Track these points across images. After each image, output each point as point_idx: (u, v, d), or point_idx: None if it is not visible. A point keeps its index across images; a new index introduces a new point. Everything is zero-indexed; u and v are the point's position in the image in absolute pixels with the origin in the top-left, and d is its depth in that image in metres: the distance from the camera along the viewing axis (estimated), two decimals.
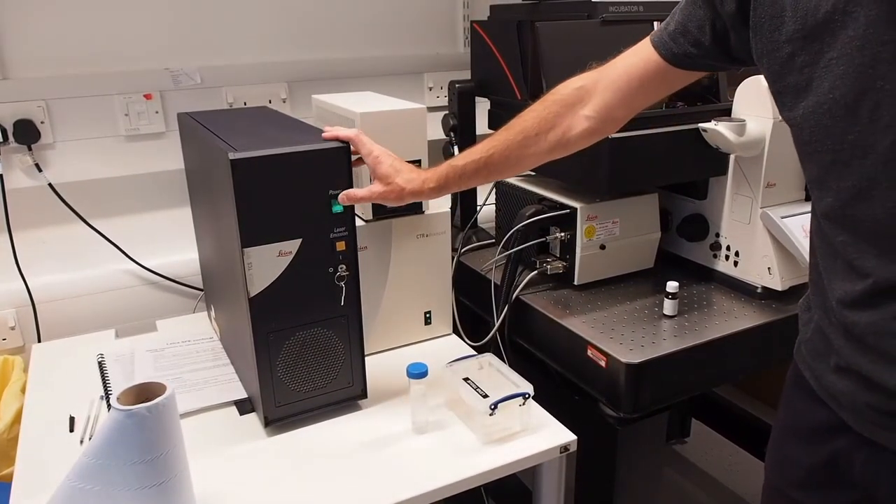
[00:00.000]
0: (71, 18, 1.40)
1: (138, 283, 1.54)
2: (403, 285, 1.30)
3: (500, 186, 1.55)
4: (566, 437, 1.05)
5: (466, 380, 1.10)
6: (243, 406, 1.14)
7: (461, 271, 1.52)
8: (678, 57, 0.87)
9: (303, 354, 1.04)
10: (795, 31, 0.68)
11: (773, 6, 0.71)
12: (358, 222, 1.11)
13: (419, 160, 1.22)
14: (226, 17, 1.55)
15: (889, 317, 0.67)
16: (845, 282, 0.71)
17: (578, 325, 1.22)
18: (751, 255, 1.31)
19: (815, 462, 0.83)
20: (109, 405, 1.13)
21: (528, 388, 1.06)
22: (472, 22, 1.51)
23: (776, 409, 0.91)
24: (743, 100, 1.27)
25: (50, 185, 1.43)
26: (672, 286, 1.24)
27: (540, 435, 1.06)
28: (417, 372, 1.04)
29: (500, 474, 1.00)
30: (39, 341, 1.44)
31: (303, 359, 1.05)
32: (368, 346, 1.15)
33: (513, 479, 1.18)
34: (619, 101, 0.94)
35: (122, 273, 1.53)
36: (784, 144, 1.23)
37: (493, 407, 1.01)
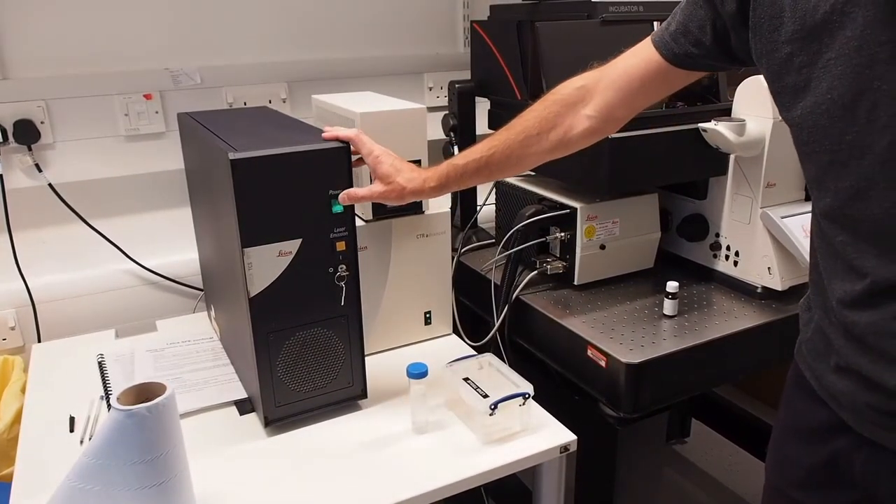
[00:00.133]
0: (71, 18, 1.40)
1: (138, 283, 1.54)
2: (403, 285, 1.30)
3: (500, 186, 1.55)
4: (566, 437, 1.05)
5: (466, 380, 1.10)
6: (243, 406, 1.14)
7: (461, 271, 1.52)
8: (679, 57, 0.87)
9: (303, 354, 1.04)
10: (794, 31, 0.69)
11: (773, 7, 0.71)
12: (358, 222, 1.11)
13: (419, 160, 1.21)
14: (226, 17, 1.55)
15: (889, 316, 0.67)
16: (845, 282, 0.71)
17: (578, 325, 1.22)
18: (751, 255, 1.31)
19: (816, 462, 0.83)
20: (109, 405, 1.13)
21: (528, 388, 1.06)
22: (472, 22, 1.51)
23: (776, 409, 0.92)
24: (743, 100, 1.27)
25: (50, 185, 1.43)
26: (672, 286, 1.24)
27: (540, 435, 1.06)
28: (417, 372, 1.04)
29: (500, 474, 1.00)
30: (39, 341, 1.44)
31: (303, 359, 1.05)
32: (368, 346, 1.15)
33: (513, 479, 1.18)
34: (619, 101, 0.94)
35: (122, 273, 1.53)
36: (784, 144, 1.23)
37: (493, 407, 1.01)
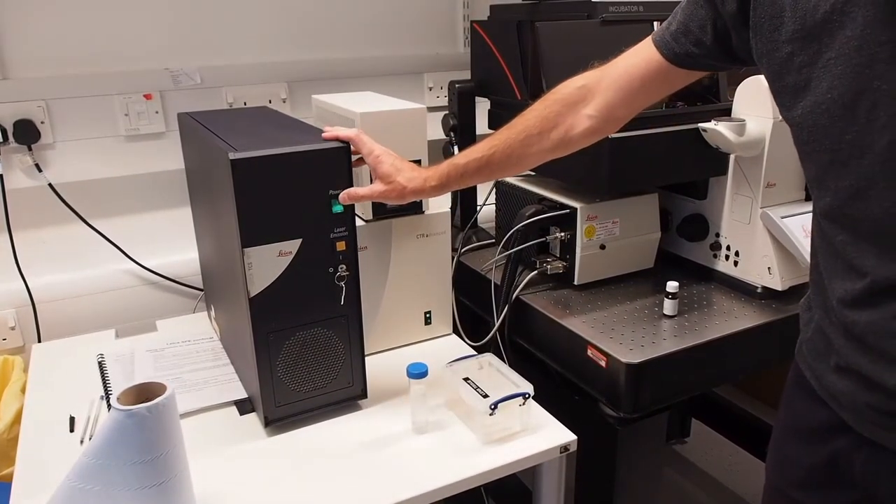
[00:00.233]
0: (71, 18, 1.40)
1: (138, 283, 1.54)
2: (403, 285, 1.30)
3: (500, 186, 1.55)
4: (566, 437, 1.05)
5: (466, 380, 1.10)
6: (243, 406, 1.14)
7: (461, 271, 1.52)
8: (680, 56, 0.87)
9: (303, 354, 1.04)
10: (794, 31, 0.69)
11: (773, 6, 0.71)
12: (358, 222, 1.11)
13: (419, 160, 1.21)
14: (226, 17, 1.55)
15: (889, 316, 0.67)
16: (845, 281, 0.71)
17: (578, 325, 1.22)
18: (751, 255, 1.31)
19: (816, 462, 0.83)
20: (109, 405, 1.13)
21: (528, 388, 1.06)
22: (472, 22, 1.51)
23: (776, 409, 0.92)
24: (743, 100, 1.27)
25: (50, 185, 1.43)
26: (672, 286, 1.24)
27: (540, 435, 1.06)
28: (417, 372, 1.04)
29: (500, 474, 1.00)
30: (39, 341, 1.44)
31: (303, 359, 1.05)
32: (368, 346, 1.15)
33: (513, 479, 1.18)
34: (620, 101, 0.94)
35: (122, 273, 1.53)
36: (784, 144, 1.23)
37: (493, 407, 1.01)
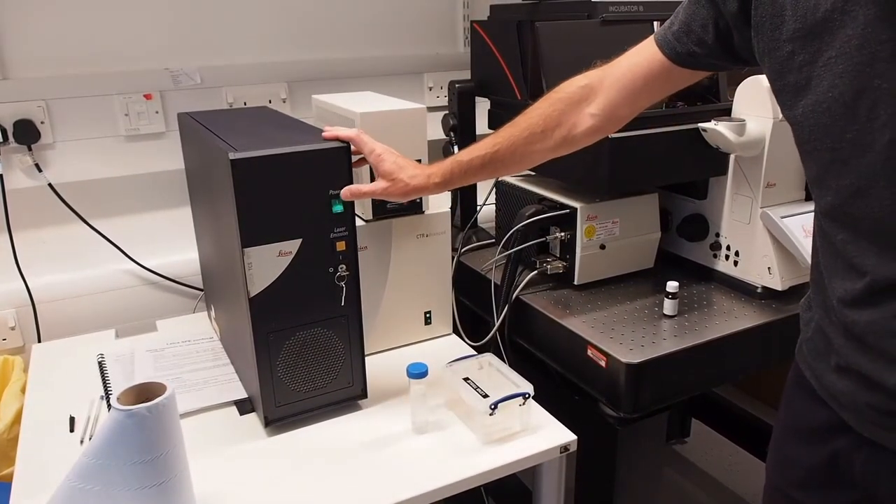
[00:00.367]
0: (71, 18, 1.40)
1: (138, 283, 1.54)
2: (403, 285, 1.30)
3: (500, 186, 1.55)
4: (566, 437, 1.05)
5: (466, 380, 1.10)
6: (243, 406, 1.14)
7: (461, 271, 1.52)
8: (682, 56, 0.87)
9: (303, 354, 1.04)
10: (795, 30, 0.69)
11: (774, 5, 0.71)
12: (358, 222, 1.11)
13: (419, 160, 1.21)
14: (226, 17, 1.55)
15: (889, 315, 0.67)
16: (845, 280, 0.71)
17: (578, 325, 1.22)
18: (751, 254, 1.31)
19: (816, 462, 0.83)
20: (109, 405, 1.13)
21: (528, 388, 1.06)
22: (472, 22, 1.51)
23: (776, 409, 0.91)
24: (743, 100, 1.27)
25: (50, 185, 1.43)
26: (672, 286, 1.24)
27: (540, 435, 1.06)
28: (417, 372, 1.04)
29: (500, 474, 1.00)
30: (39, 341, 1.44)
31: (303, 359, 1.04)
32: (368, 346, 1.15)
33: (513, 479, 1.18)
34: (623, 100, 0.94)
35: (122, 273, 1.53)
36: (784, 144, 1.23)
37: (493, 407, 1.01)
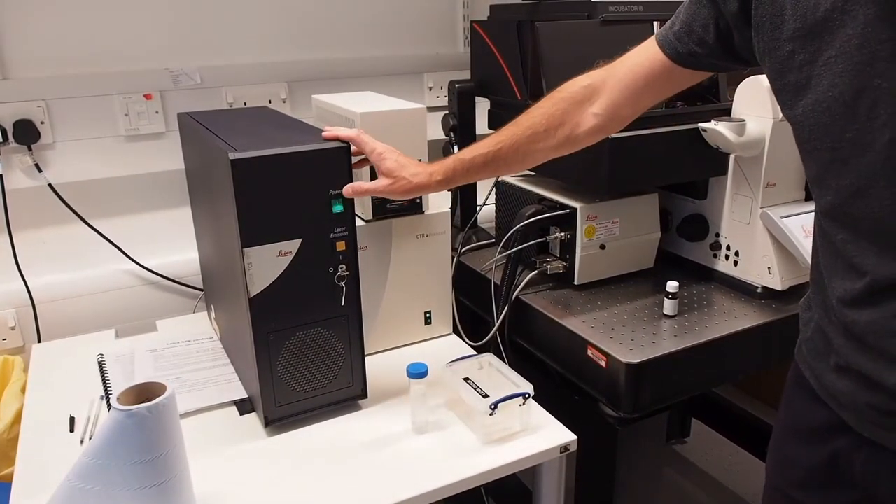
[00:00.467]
0: (71, 18, 1.40)
1: (138, 283, 1.54)
2: (403, 285, 1.30)
3: (500, 186, 1.55)
4: (566, 437, 1.05)
5: (466, 380, 1.10)
6: (243, 406, 1.14)
7: (461, 271, 1.52)
8: (683, 56, 0.87)
9: (303, 354, 1.04)
10: (796, 29, 0.69)
11: (774, 5, 0.71)
12: (358, 222, 1.11)
13: (419, 160, 1.21)
14: (226, 17, 1.55)
15: (888, 315, 0.67)
16: (845, 280, 0.71)
17: (578, 325, 1.22)
18: (751, 254, 1.31)
19: (816, 462, 0.83)
20: (109, 405, 1.13)
21: (528, 388, 1.06)
22: (472, 22, 1.51)
23: (776, 409, 0.91)
24: (743, 100, 1.27)
25: (50, 185, 1.43)
26: (672, 286, 1.24)
27: (540, 435, 1.06)
28: (417, 372, 1.04)
29: (500, 474, 1.00)
30: (39, 341, 1.44)
31: (303, 359, 1.04)
32: (368, 346, 1.15)
33: (513, 479, 1.18)
34: (625, 100, 0.94)
35: (122, 273, 1.53)
36: (784, 144, 1.23)
37: (493, 407, 1.01)
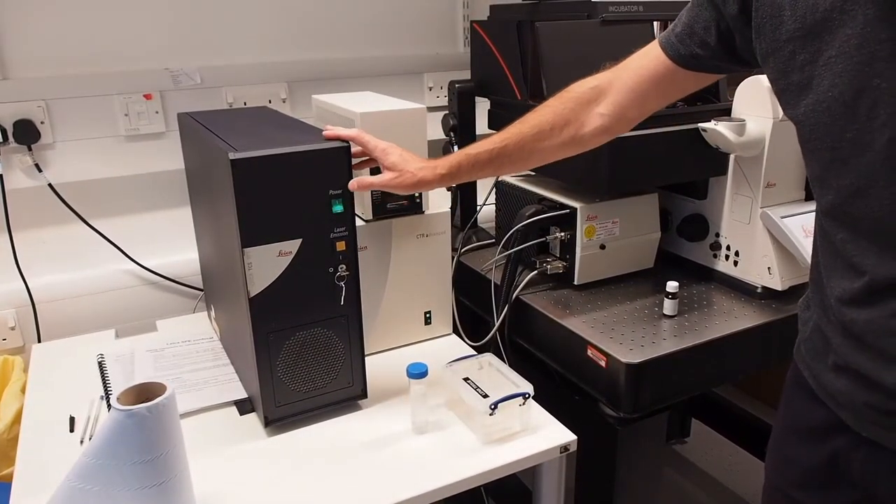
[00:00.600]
0: (71, 18, 1.40)
1: (138, 283, 1.54)
2: (403, 285, 1.30)
3: (500, 186, 1.55)
4: (566, 437, 1.05)
5: (466, 380, 1.10)
6: (243, 406, 1.14)
7: (461, 271, 1.52)
8: (685, 58, 0.87)
9: (303, 354, 1.04)
10: (795, 29, 0.69)
11: (772, 6, 0.71)
12: (358, 222, 1.11)
13: None
14: (226, 17, 1.55)
15: (887, 314, 0.67)
16: (844, 279, 0.71)
17: (578, 325, 1.22)
18: (751, 254, 1.31)
19: (815, 462, 0.83)
20: (109, 405, 1.13)
21: (528, 388, 1.06)
22: (472, 22, 1.51)
23: (776, 409, 0.92)
24: (743, 100, 1.27)
25: (50, 185, 1.43)
26: (672, 286, 1.24)
27: (540, 435, 1.06)
28: (417, 372, 1.04)
29: (500, 474, 1.00)
30: (39, 341, 1.44)
31: (303, 359, 1.05)
32: (368, 346, 1.15)
33: (513, 479, 1.18)
34: (631, 102, 0.94)
35: (122, 273, 1.53)
36: (784, 144, 1.23)
37: (493, 407, 1.01)
